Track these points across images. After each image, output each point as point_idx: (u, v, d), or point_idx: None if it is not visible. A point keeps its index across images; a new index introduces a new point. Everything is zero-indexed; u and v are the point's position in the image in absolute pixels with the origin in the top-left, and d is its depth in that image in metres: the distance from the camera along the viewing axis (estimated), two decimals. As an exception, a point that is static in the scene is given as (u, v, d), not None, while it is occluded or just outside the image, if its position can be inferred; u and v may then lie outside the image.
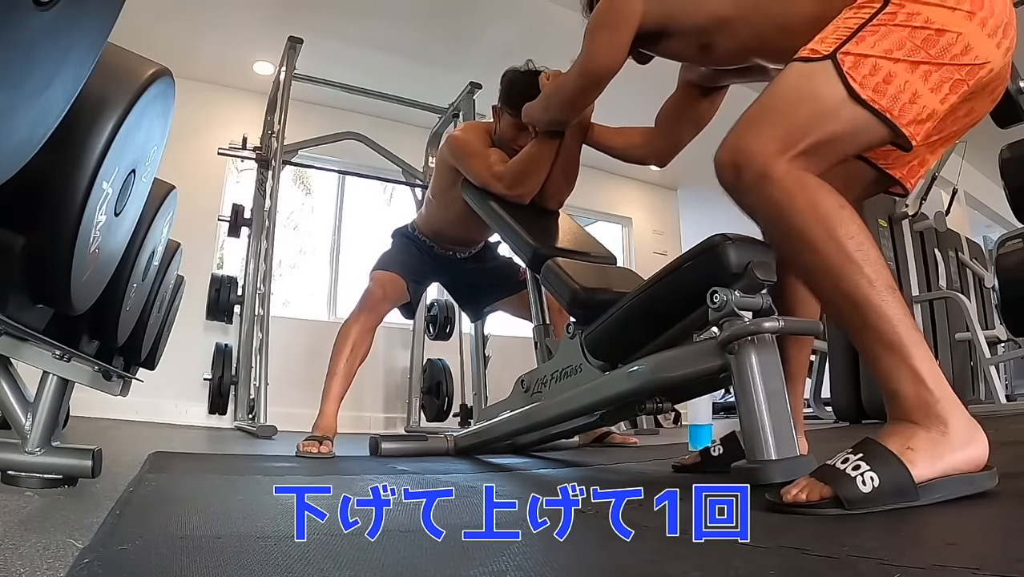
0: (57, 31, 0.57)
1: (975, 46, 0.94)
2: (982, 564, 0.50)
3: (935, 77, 0.93)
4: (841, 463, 0.82)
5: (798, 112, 0.96)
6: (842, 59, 0.94)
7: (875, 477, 0.78)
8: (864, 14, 0.97)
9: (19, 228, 0.82)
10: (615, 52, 1.39)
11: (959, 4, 0.93)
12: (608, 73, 1.43)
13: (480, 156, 2.04)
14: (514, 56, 2.29)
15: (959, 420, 0.82)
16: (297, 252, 5.42)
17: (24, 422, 1.01)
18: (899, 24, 0.94)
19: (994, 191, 4.82)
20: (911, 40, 0.93)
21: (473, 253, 2.44)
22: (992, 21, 0.95)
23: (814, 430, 2.95)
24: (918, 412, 0.83)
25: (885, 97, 0.92)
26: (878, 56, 0.93)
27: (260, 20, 4.14)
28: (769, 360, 1.11)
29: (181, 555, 0.63)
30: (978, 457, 0.83)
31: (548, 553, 0.70)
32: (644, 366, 1.28)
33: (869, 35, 0.95)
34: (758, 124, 0.97)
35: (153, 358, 1.99)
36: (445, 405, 4.23)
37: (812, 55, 0.97)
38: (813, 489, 0.81)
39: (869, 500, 0.77)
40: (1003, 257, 2.60)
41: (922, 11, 0.93)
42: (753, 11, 1.20)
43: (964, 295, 3.30)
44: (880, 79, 0.93)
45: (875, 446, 0.82)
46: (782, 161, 0.93)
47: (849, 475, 0.79)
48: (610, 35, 1.38)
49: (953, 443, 0.81)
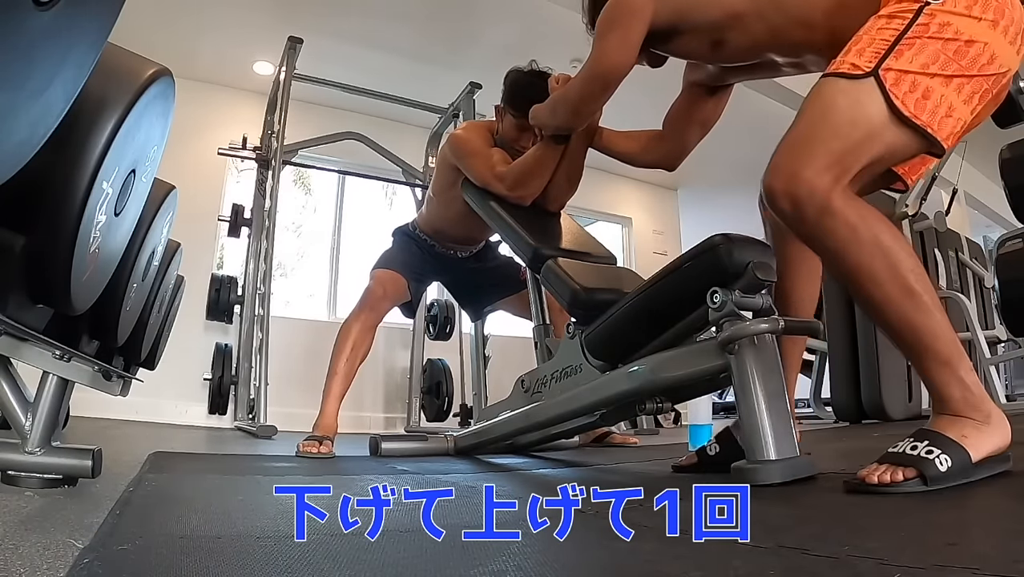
0: (57, 31, 0.57)
1: (1000, 54, 0.98)
2: (982, 564, 0.50)
3: (967, 89, 0.98)
4: (911, 449, 0.91)
5: (849, 135, 0.97)
6: (884, 76, 0.96)
7: (948, 459, 0.88)
8: (898, 25, 0.99)
9: (19, 228, 0.82)
10: (625, 52, 1.37)
11: (983, 13, 0.97)
12: (618, 74, 1.42)
13: (482, 156, 2.03)
14: (514, 56, 2.29)
15: (995, 414, 0.95)
16: (297, 253, 5.41)
17: (24, 422, 1.01)
18: (932, 36, 0.97)
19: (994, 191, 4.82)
20: (944, 53, 0.96)
21: (474, 252, 2.43)
22: (1013, 28, 0.98)
23: (814, 430, 2.95)
24: (966, 409, 0.94)
25: (926, 112, 0.96)
26: (916, 72, 0.96)
27: (260, 20, 4.14)
28: (769, 360, 1.11)
29: (181, 555, 0.63)
30: (1005, 441, 0.95)
31: (548, 553, 0.70)
32: (644, 366, 1.28)
33: (907, 49, 0.97)
34: (809, 149, 0.98)
35: (153, 358, 1.99)
36: (445, 405, 4.23)
37: (853, 71, 0.98)
38: (895, 471, 0.89)
39: (945, 477, 0.87)
40: (1003, 257, 2.61)
41: (952, 22, 0.96)
42: (767, 5, 1.20)
43: (964, 295, 3.30)
44: (920, 95, 0.96)
45: (938, 435, 0.92)
46: (839, 191, 0.96)
47: (927, 457, 0.89)
48: (620, 34, 1.37)
49: (993, 432, 0.93)
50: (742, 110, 1.08)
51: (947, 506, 0.82)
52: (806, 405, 4.06)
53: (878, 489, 0.88)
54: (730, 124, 1.42)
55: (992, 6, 0.97)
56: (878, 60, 0.97)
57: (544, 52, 2.23)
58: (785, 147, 1.01)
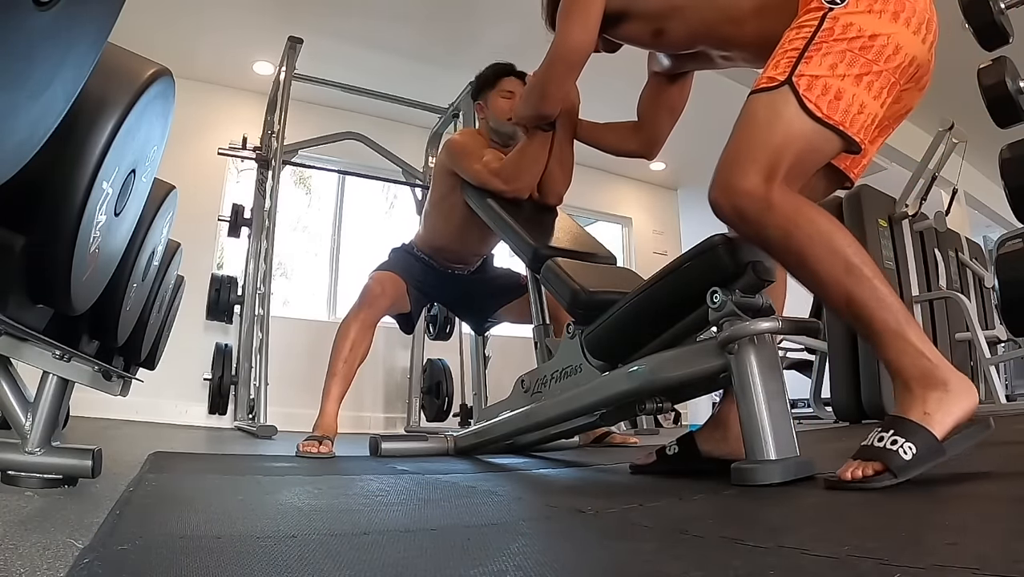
0: (57, 31, 0.57)
1: (904, 44, 1.05)
2: (982, 564, 0.50)
3: (876, 85, 1.05)
4: (878, 441, 0.93)
5: (771, 140, 1.05)
6: (797, 82, 1.05)
7: (912, 446, 0.90)
8: (806, 33, 1.07)
9: (19, 228, 0.82)
10: (585, 32, 1.46)
11: (884, 7, 1.04)
12: (580, 54, 1.50)
13: (476, 156, 2.06)
14: (514, 56, 2.31)
15: (955, 379, 0.95)
16: (298, 254, 5.41)
17: (24, 422, 1.01)
18: (838, 38, 1.05)
19: (994, 191, 4.82)
20: (850, 51, 1.04)
21: (472, 270, 2.43)
22: (915, 19, 1.06)
23: (814, 430, 2.95)
24: (923, 379, 0.94)
25: (838, 112, 1.04)
26: (827, 75, 1.04)
27: (260, 20, 4.14)
28: (769, 360, 1.11)
29: (181, 555, 0.63)
30: (973, 405, 0.95)
31: (548, 553, 0.71)
32: (644, 366, 1.28)
33: (815, 53, 1.05)
34: (741, 160, 1.06)
35: (153, 358, 1.99)
36: (445, 405, 4.23)
37: (770, 83, 1.07)
38: (865, 467, 0.91)
39: (912, 465, 0.89)
40: (1003, 257, 2.60)
41: (855, 21, 1.05)
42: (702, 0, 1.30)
43: (964, 295, 3.30)
44: (832, 96, 1.04)
45: (901, 421, 0.93)
46: (773, 188, 1.03)
47: (891, 449, 0.90)
48: (580, 16, 1.45)
49: (956, 398, 0.93)
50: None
51: (947, 506, 0.82)
52: (806, 405, 4.06)
53: (851, 486, 0.90)
54: (730, 125, 1.44)
55: (895, 2, 1.04)
56: (791, 69, 1.06)
57: (543, 52, 2.23)
58: (721, 163, 1.10)
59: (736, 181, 1.05)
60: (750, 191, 1.04)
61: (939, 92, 1.07)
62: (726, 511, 0.94)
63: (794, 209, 1.03)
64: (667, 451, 1.38)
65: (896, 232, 3.26)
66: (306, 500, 1.06)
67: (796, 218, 1.02)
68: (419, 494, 1.15)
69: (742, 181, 1.05)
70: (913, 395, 0.94)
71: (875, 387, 2.92)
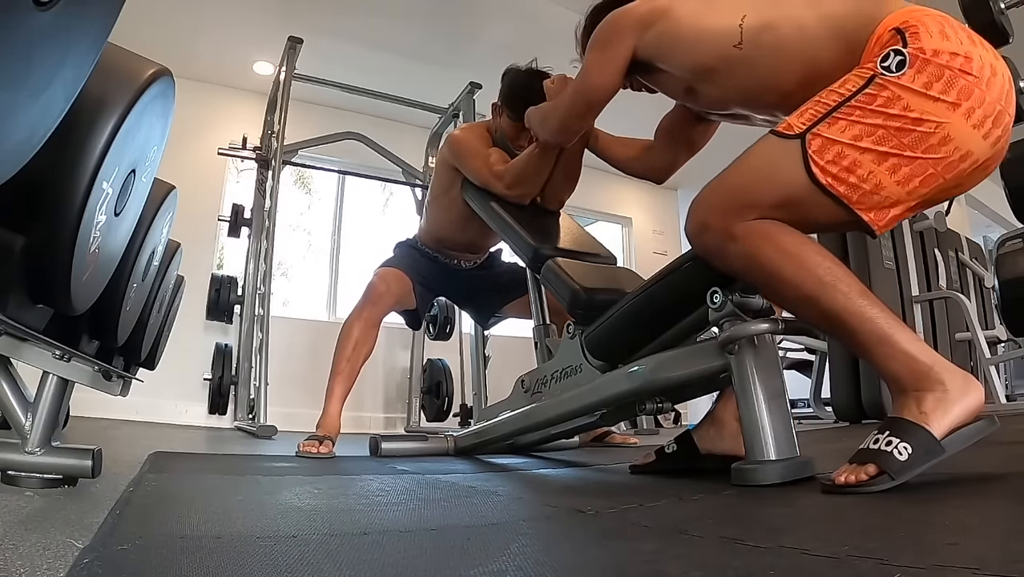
0: (57, 31, 0.57)
1: (955, 137, 0.93)
2: (982, 564, 0.50)
3: (904, 171, 0.95)
4: (874, 444, 0.90)
5: (758, 189, 1.02)
6: (810, 140, 0.97)
7: (908, 446, 0.87)
8: (845, 91, 0.98)
9: (19, 228, 0.82)
10: (607, 74, 1.40)
11: (943, 94, 0.92)
12: (601, 95, 1.44)
13: (480, 155, 2.04)
14: (514, 56, 2.29)
15: (953, 378, 0.91)
16: (298, 254, 5.41)
17: (24, 422, 1.01)
18: (875, 109, 0.95)
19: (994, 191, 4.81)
20: (884, 128, 0.94)
21: (479, 263, 2.42)
22: (980, 111, 0.93)
23: (814, 430, 2.95)
24: (917, 381, 0.92)
25: (844, 184, 0.96)
26: (846, 143, 0.95)
27: (260, 20, 4.14)
28: (769, 360, 1.11)
29: (181, 555, 0.63)
30: (976, 403, 0.91)
31: (548, 553, 0.71)
32: (644, 366, 1.28)
33: (843, 118, 0.96)
34: (721, 200, 1.04)
35: (153, 358, 1.99)
36: (445, 405, 4.23)
37: (786, 130, 1.01)
38: (859, 471, 0.89)
39: (908, 466, 0.86)
40: (1003, 257, 2.60)
41: (904, 97, 0.93)
42: (740, 66, 1.18)
43: (964, 295, 3.30)
44: (843, 166, 0.95)
45: (897, 421, 0.91)
46: (739, 224, 1.01)
47: (886, 450, 0.88)
48: (604, 56, 1.39)
49: (954, 398, 0.90)
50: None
51: (947, 506, 0.82)
52: (806, 405, 4.06)
53: (847, 490, 0.88)
54: (732, 126, 1.44)
55: (958, 86, 0.92)
56: (811, 124, 0.98)
57: (544, 52, 2.23)
58: (703, 196, 1.08)
59: (708, 218, 1.05)
60: (716, 229, 1.03)
61: None
62: (726, 511, 0.94)
63: (759, 234, 1.00)
64: (666, 450, 1.39)
65: (896, 232, 3.26)
66: (306, 500, 1.06)
67: (760, 243, 1.00)
68: (419, 494, 1.15)
69: (713, 219, 1.04)
70: (908, 396, 0.92)
71: (875, 387, 2.92)
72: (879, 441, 0.90)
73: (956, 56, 0.93)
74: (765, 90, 1.18)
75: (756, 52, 1.15)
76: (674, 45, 1.29)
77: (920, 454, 0.87)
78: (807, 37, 1.10)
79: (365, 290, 2.24)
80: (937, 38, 0.95)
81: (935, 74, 0.93)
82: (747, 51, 1.15)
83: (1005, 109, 0.96)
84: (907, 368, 0.92)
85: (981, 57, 0.95)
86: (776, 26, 1.13)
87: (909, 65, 0.94)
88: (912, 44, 0.95)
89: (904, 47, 0.95)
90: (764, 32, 1.14)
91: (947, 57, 0.93)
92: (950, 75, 0.92)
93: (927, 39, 0.95)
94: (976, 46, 0.96)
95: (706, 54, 1.22)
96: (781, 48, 1.12)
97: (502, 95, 2.11)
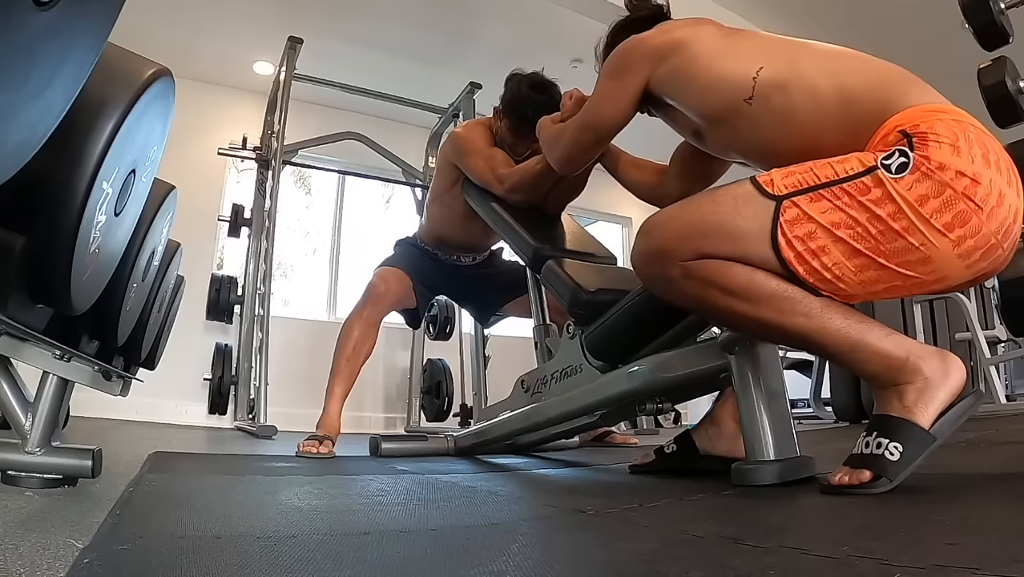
0: (57, 31, 0.57)
1: (936, 261, 0.89)
2: (982, 564, 0.50)
3: (871, 274, 0.91)
4: (865, 448, 0.90)
5: (713, 237, 0.96)
6: (784, 208, 0.92)
7: (898, 445, 0.87)
8: (841, 170, 0.92)
9: (19, 228, 0.82)
10: (618, 106, 1.35)
11: (938, 214, 0.86)
12: (609, 126, 1.40)
13: (482, 155, 2.02)
14: (514, 56, 2.29)
15: (931, 363, 0.90)
16: (298, 253, 5.41)
17: (24, 422, 1.01)
18: (864, 202, 0.89)
19: (994, 191, 4.78)
20: (866, 226, 0.89)
21: (479, 260, 2.41)
22: (972, 241, 0.88)
23: (814, 430, 2.95)
24: (895, 376, 0.91)
25: (805, 266, 0.92)
26: (822, 224, 0.90)
27: (260, 20, 4.14)
28: (769, 361, 1.11)
29: (181, 555, 0.63)
30: (958, 381, 0.91)
31: (548, 553, 0.71)
32: (644, 366, 1.28)
33: (828, 198, 0.91)
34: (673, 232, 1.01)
35: (153, 358, 1.99)
36: (445, 405, 4.23)
37: (766, 186, 0.95)
38: (853, 475, 0.89)
39: (903, 464, 0.86)
40: (1003, 257, 2.59)
41: (896, 202, 0.88)
42: (745, 121, 1.12)
43: (964, 295, 3.29)
44: (811, 248, 0.91)
45: (883, 419, 0.90)
46: (686, 262, 0.98)
47: (877, 453, 0.88)
48: (616, 87, 1.34)
49: (935, 383, 0.89)
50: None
51: (947, 506, 0.82)
52: (806, 405, 4.06)
53: (847, 491, 0.88)
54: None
55: (955, 209, 0.86)
56: (793, 191, 0.93)
57: (544, 52, 2.24)
58: (661, 219, 1.05)
59: (659, 248, 1.02)
60: (663, 263, 1.01)
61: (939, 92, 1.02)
62: (726, 511, 0.94)
63: (703, 279, 0.97)
64: (665, 450, 1.39)
65: (896, 232, 3.25)
66: (306, 500, 1.06)
67: (706, 288, 0.97)
68: (419, 494, 1.15)
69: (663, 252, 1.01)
70: (890, 392, 0.91)
71: (875, 387, 2.92)
72: (869, 444, 0.89)
73: (962, 176, 0.86)
74: (764, 151, 1.13)
75: (764, 111, 1.08)
76: (687, 85, 1.23)
77: (912, 449, 0.86)
78: (818, 110, 1.03)
79: (365, 290, 2.24)
80: (946, 151, 0.87)
81: (935, 190, 0.86)
82: (756, 108, 1.09)
83: (1000, 243, 0.90)
84: (883, 366, 0.91)
85: (991, 182, 0.87)
86: (789, 89, 1.06)
87: (910, 171, 0.87)
88: (919, 151, 0.88)
89: (911, 150, 0.89)
90: (776, 92, 1.07)
91: (952, 175, 0.86)
92: (951, 195, 0.86)
93: (935, 150, 0.87)
94: (989, 167, 0.87)
95: (716, 101, 1.16)
96: (789, 114, 1.06)
97: (503, 103, 2.09)
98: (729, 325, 1.07)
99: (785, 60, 1.10)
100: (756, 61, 1.11)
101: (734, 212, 0.96)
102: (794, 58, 1.10)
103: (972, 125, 0.92)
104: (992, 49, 2.35)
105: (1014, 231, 0.91)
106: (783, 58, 1.11)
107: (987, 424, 2.06)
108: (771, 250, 0.92)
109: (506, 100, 2.08)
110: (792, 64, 1.09)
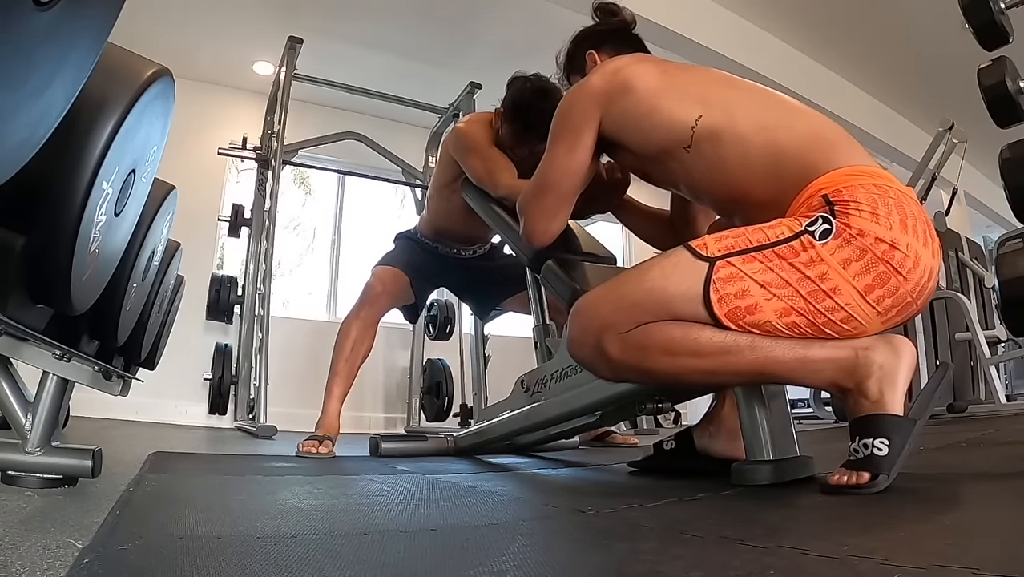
0: (57, 31, 0.57)
1: (858, 317, 0.94)
2: (982, 564, 0.50)
3: (792, 318, 0.95)
4: (854, 454, 0.92)
5: (643, 304, 0.99)
6: (719, 267, 0.95)
7: (883, 440, 0.89)
8: (772, 235, 0.96)
9: (19, 228, 0.82)
10: (574, 161, 1.30)
11: (859, 276, 0.92)
12: (571, 182, 1.33)
13: (483, 155, 1.99)
14: (514, 56, 2.29)
15: (880, 351, 0.94)
16: (298, 253, 5.41)
17: (24, 422, 1.01)
18: (794, 264, 0.94)
19: (994, 191, 4.81)
20: (796, 287, 0.93)
21: (479, 253, 2.41)
22: (890, 300, 0.94)
23: (814, 430, 2.95)
24: (853, 375, 0.94)
25: (736, 323, 0.95)
26: (755, 281, 0.94)
27: (260, 20, 4.15)
28: (769, 360, 1.11)
29: (181, 555, 0.63)
30: (911, 359, 0.95)
31: (548, 553, 0.71)
32: (644, 366, 1.28)
33: (761, 259, 0.95)
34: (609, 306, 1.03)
35: (153, 358, 1.99)
36: (445, 405, 4.23)
37: (700, 249, 0.98)
38: (851, 476, 0.90)
39: (893, 456, 0.88)
40: (1003, 257, 2.60)
41: (823, 265, 0.93)
42: (681, 166, 1.16)
43: (964, 295, 3.29)
44: (743, 304, 0.94)
45: (860, 421, 0.93)
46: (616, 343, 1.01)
47: (867, 454, 0.90)
48: (568, 143, 1.30)
49: (891, 368, 0.93)
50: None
51: (947, 506, 0.82)
52: (806, 405, 4.06)
53: (847, 490, 0.89)
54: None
55: (875, 272, 0.92)
56: (727, 252, 0.96)
57: (544, 52, 2.22)
58: (592, 300, 1.07)
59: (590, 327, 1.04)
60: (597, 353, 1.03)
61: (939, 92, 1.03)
62: (726, 511, 0.94)
63: (642, 339, 0.99)
64: (664, 446, 1.39)
65: (896, 232, 3.25)
66: (306, 500, 1.06)
67: (643, 357, 1.00)
68: (419, 494, 1.15)
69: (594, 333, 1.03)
70: (853, 393, 0.94)
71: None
72: (858, 450, 0.91)
73: (880, 242, 0.92)
74: (697, 193, 1.20)
75: (698, 158, 1.12)
76: (632, 127, 1.23)
77: (897, 439, 0.89)
78: (747, 164, 1.07)
79: (362, 291, 2.24)
80: (866, 218, 0.93)
81: (856, 255, 0.93)
82: (692, 155, 1.13)
83: (915, 300, 0.96)
84: (836, 368, 0.94)
85: (908, 245, 0.93)
86: (722, 140, 1.09)
87: (833, 236, 0.93)
88: (840, 219, 0.94)
89: (834, 217, 0.94)
90: (709, 142, 1.10)
91: (871, 240, 0.92)
92: (871, 259, 0.92)
93: (855, 217, 0.93)
94: (906, 232, 0.94)
95: (656, 144, 1.18)
96: (721, 164, 1.10)
97: (506, 108, 2.05)
98: (681, 384, 1.08)
99: (721, 108, 1.13)
100: (695, 107, 1.14)
101: (663, 278, 0.99)
102: (730, 107, 1.13)
103: (891, 188, 0.97)
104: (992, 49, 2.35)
105: (928, 288, 0.97)
106: (719, 106, 1.13)
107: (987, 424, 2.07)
108: (704, 309, 0.95)
109: (508, 105, 2.04)
110: (727, 114, 1.12)
